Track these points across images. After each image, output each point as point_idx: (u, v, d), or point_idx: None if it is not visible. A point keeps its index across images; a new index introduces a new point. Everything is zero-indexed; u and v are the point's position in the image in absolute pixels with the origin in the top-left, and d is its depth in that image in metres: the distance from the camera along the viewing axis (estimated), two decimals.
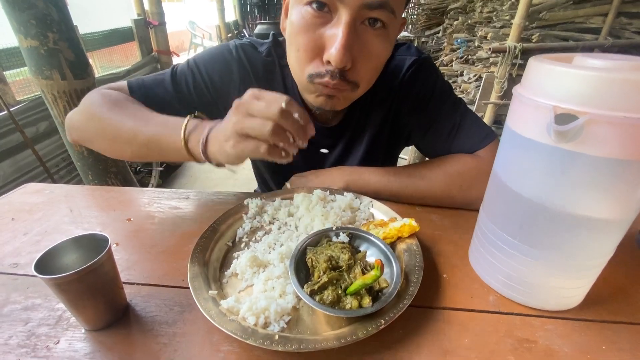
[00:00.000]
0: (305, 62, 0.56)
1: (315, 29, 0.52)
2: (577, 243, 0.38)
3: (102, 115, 0.61)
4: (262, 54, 0.72)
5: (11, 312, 0.44)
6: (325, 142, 0.78)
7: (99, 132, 0.63)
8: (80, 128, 0.66)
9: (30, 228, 0.62)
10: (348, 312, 0.39)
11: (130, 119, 0.59)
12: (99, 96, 0.65)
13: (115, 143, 0.62)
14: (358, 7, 0.49)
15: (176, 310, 0.44)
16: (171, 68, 0.72)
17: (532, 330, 0.41)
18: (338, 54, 0.50)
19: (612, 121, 0.30)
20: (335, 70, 0.53)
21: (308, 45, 0.54)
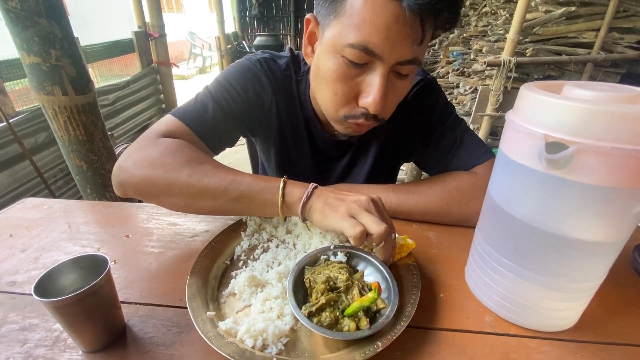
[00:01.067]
0: (341, 105, 0.60)
1: (352, 78, 0.56)
2: (571, 266, 0.38)
3: (184, 171, 0.55)
4: (282, 67, 0.74)
5: (9, 332, 0.44)
6: (333, 153, 0.81)
7: (178, 188, 0.55)
8: (145, 184, 0.57)
9: (29, 245, 0.62)
10: (346, 334, 0.39)
11: (218, 175, 0.56)
12: (165, 148, 0.58)
13: (197, 199, 0.56)
14: (393, 63, 0.53)
15: (174, 332, 0.44)
16: (204, 91, 0.70)
17: (527, 352, 0.42)
18: (375, 104, 0.55)
19: (600, 151, 0.31)
20: (371, 114, 0.58)
21: (345, 92, 0.58)
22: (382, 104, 0.55)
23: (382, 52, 0.51)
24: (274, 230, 0.62)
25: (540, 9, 2.39)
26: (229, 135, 0.72)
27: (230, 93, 0.69)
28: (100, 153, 1.32)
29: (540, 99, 0.35)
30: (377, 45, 0.51)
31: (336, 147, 0.80)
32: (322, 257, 0.51)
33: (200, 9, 10.46)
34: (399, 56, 0.52)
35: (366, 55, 0.52)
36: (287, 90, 0.74)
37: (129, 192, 0.59)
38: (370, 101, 0.55)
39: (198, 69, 7.88)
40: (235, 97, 0.69)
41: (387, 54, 0.51)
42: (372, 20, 0.49)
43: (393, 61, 0.53)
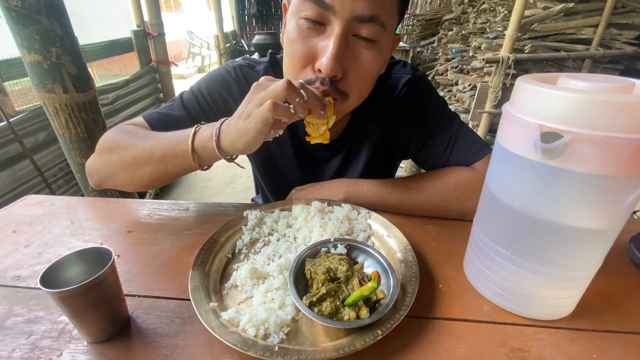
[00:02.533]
0: (299, 70, 0.59)
1: (309, 39, 0.56)
2: (567, 254, 0.39)
3: (119, 146, 0.63)
4: (259, 73, 0.74)
5: (14, 324, 0.45)
6: (323, 154, 0.80)
7: (118, 163, 0.64)
8: (100, 168, 0.67)
9: (32, 240, 0.63)
10: (346, 323, 0.40)
11: (145, 140, 0.61)
12: (113, 132, 0.67)
13: (134, 168, 0.62)
14: (349, 19, 0.52)
15: (177, 322, 0.45)
16: (179, 95, 0.75)
17: (524, 340, 0.42)
18: (328, 62, 0.53)
19: (593, 140, 0.31)
20: (326, 78, 0.56)
21: (302, 54, 0.57)
22: (336, 64, 0.53)
23: (333, 2, 0.50)
24: (274, 224, 0.63)
25: (539, 6, 2.40)
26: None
27: (199, 99, 0.73)
28: None
29: (535, 90, 0.35)
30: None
31: (326, 148, 0.78)
32: (323, 250, 0.52)
33: (198, 8, 10.44)
34: (353, 8, 0.51)
35: (319, 8, 0.52)
36: None
37: (97, 181, 0.69)
38: (323, 61, 0.53)
39: (197, 68, 7.87)
40: (203, 103, 0.73)
41: (339, 5, 0.50)
42: None
43: (348, 15, 0.51)
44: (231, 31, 6.93)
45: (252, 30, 7.25)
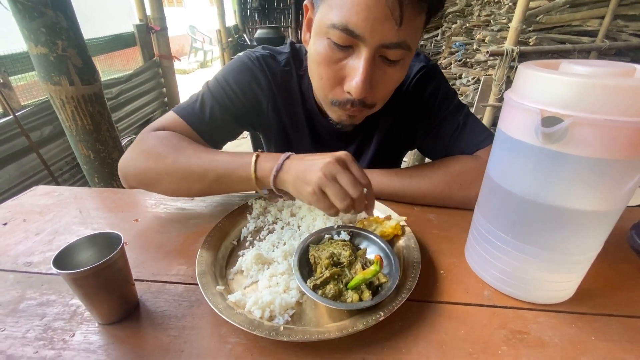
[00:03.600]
0: (328, 90, 0.60)
1: (337, 62, 0.56)
2: (567, 237, 0.40)
3: (169, 158, 0.61)
4: (281, 64, 0.75)
5: (27, 307, 0.47)
6: (337, 145, 0.82)
7: (166, 175, 0.62)
8: (141, 175, 0.65)
9: (42, 229, 0.64)
10: (349, 305, 0.41)
11: (198, 158, 0.61)
12: (156, 140, 0.64)
13: (184, 183, 0.62)
14: (377, 47, 0.52)
15: (185, 305, 0.46)
16: (204, 87, 0.74)
17: (524, 323, 0.43)
18: (358, 88, 0.54)
19: (594, 123, 0.32)
20: (356, 100, 0.57)
21: (330, 75, 0.58)
22: (365, 89, 0.55)
23: (363, 33, 0.50)
24: (278, 213, 0.64)
25: None
26: (228, 130, 0.75)
27: (227, 91, 0.72)
28: (107, 143, 1.35)
29: (536, 75, 0.36)
30: (357, 26, 0.50)
31: (341, 139, 0.80)
32: (326, 236, 0.53)
33: (200, 3, 10.39)
34: (382, 38, 0.51)
35: (348, 36, 0.52)
36: (287, 87, 0.75)
37: (132, 184, 0.67)
38: (353, 85, 0.55)
39: (199, 63, 7.87)
40: (231, 94, 0.72)
41: (369, 35, 0.51)
42: (352, 0, 0.49)
43: (376, 43, 0.52)
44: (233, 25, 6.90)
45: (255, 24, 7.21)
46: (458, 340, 0.41)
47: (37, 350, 0.40)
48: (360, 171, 0.51)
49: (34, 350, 0.40)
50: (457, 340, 0.41)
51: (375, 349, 0.40)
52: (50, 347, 0.41)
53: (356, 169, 0.51)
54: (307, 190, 0.50)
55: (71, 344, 0.41)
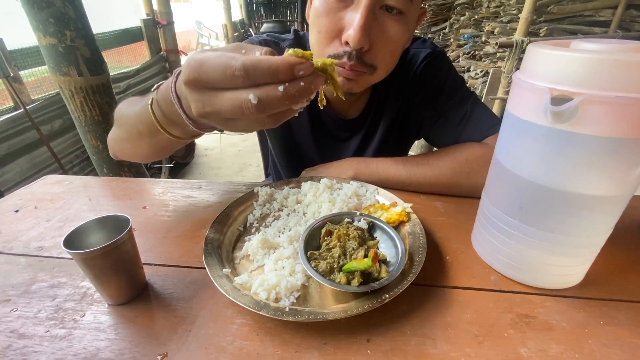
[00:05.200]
0: (325, 43, 0.58)
1: (335, 12, 0.55)
2: (576, 220, 0.39)
3: (119, 118, 0.58)
4: (285, 50, 0.74)
5: (39, 289, 0.48)
6: (343, 134, 0.81)
7: (120, 136, 0.60)
8: (111, 140, 0.64)
9: (53, 215, 0.66)
10: (353, 287, 0.41)
11: (132, 109, 0.54)
12: (120, 105, 0.62)
13: (131, 142, 0.57)
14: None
15: (192, 288, 0.47)
16: None
17: (531, 307, 0.43)
18: (356, 34, 0.53)
19: (604, 101, 0.31)
20: (353, 51, 0.55)
21: (328, 27, 0.56)
22: (364, 36, 0.53)
23: None
24: (284, 200, 0.64)
25: None
26: None
27: None
28: None
29: (545, 53, 0.35)
30: None
31: (347, 128, 0.79)
32: (346, 220, 0.53)
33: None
34: None
35: None
36: None
37: (112, 153, 0.67)
38: (350, 33, 0.53)
39: None
40: None
41: None
42: None
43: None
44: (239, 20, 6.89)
45: (261, 18, 7.19)
46: (464, 323, 0.41)
47: (49, 330, 0.41)
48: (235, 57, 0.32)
49: (45, 330, 0.41)
50: (462, 324, 0.41)
51: (380, 331, 0.40)
52: (62, 326, 0.42)
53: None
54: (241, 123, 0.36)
55: (81, 324, 0.42)
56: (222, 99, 0.32)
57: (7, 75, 1.50)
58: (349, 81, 0.61)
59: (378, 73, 0.61)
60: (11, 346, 0.39)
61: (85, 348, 0.39)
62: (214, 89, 0.33)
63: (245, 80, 0.31)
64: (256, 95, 0.31)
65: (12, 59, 1.85)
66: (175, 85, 0.39)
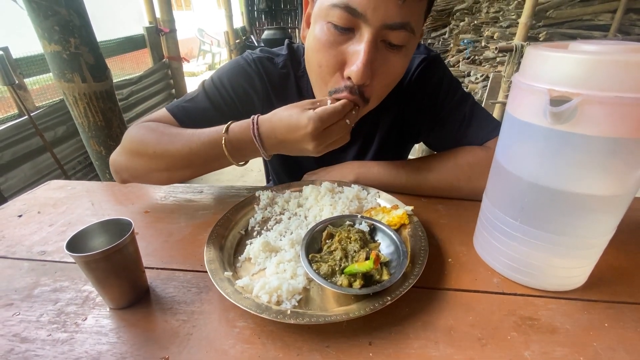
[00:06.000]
0: (327, 78, 0.58)
1: (337, 46, 0.54)
2: (577, 221, 0.39)
3: (151, 147, 0.62)
4: (278, 66, 0.74)
5: (41, 293, 0.48)
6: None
7: (154, 165, 0.63)
8: (130, 167, 0.66)
9: (55, 220, 0.66)
10: (355, 290, 0.41)
11: (180, 142, 0.61)
12: (140, 130, 0.65)
13: (173, 170, 0.63)
14: (380, 27, 0.50)
15: (194, 292, 0.47)
16: (200, 86, 0.74)
17: (535, 309, 0.43)
18: (359, 71, 0.52)
19: (603, 101, 0.31)
20: (355, 86, 0.55)
21: (330, 61, 0.55)
22: (367, 73, 0.52)
23: (365, 11, 0.48)
24: (285, 204, 0.64)
25: None
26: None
27: (220, 91, 0.72)
28: (118, 138, 1.35)
29: (544, 55, 0.35)
30: (359, 3, 0.48)
31: None
32: (347, 223, 0.53)
33: (208, 6, 10.51)
34: (385, 17, 0.49)
35: (350, 15, 0.50)
36: (284, 88, 0.75)
37: (125, 177, 0.68)
38: (353, 69, 0.52)
39: (207, 65, 7.95)
40: (225, 95, 0.72)
41: (371, 13, 0.49)
42: None
43: (379, 23, 0.50)
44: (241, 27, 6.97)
45: (262, 25, 7.27)
46: (466, 326, 0.41)
47: (50, 333, 0.41)
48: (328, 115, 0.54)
49: (47, 333, 0.41)
50: (465, 326, 0.41)
51: (382, 334, 0.40)
52: (63, 330, 0.42)
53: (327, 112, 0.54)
54: (312, 145, 0.55)
55: (83, 327, 0.42)
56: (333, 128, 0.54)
57: (12, 82, 1.52)
58: None
59: (370, 105, 0.61)
60: (13, 350, 0.39)
61: (87, 352, 0.39)
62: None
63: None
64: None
65: (17, 67, 1.88)
66: (258, 130, 0.57)
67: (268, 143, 0.58)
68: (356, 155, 0.81)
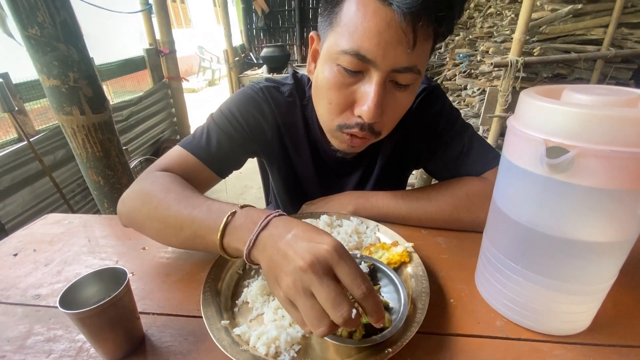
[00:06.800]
0: (336, 114, 0.59)
1: (347, 86, 0.56)
2: (579, 268, 0.38)
3: (152, 203, 0.56)
4: (285, 94, 0.75)
5: (35, 343, 0.47)
6: (343, 170, 0.82)
7: (148, 221, 0.57)
8: (129, 214, 0.62)
9: (51, 259, 0.65)
10: (352, 341, 0.40)
11: (178, 207, 0.53)
12: (148, 181, 0.61)
13: (163, 233, 0.56)
14: (389, 71, 0.52)
15: (190, 340, 0.46)
16: (208, 119, 0.74)
17: (540, 356, 0.42)
18: (370, 112, 0.53)
19: (599, 154, 0.31)
20: (366, 124, 0.57)
21: (340, 100, 0.57)
22: (378, 113, 0.54)
23: (375, 58, 0.50)
24: None
25: (546, 8, 2.38)
26: (234, 159, 0.75)
27: (232, 121, 0.72)
28: (116, 168, 1.39)
29: (538, 105, 0.35)
30: (369, 51, 0.50)
31: (347, 165, 0.80)
32: None
33: (208, 23, 10.72)
34: (394, 62, 0.51)
35: (360, 62, 0.52)
36: (291, 116, 0.76)
37: (125, 223, 0.64)
38: (364, 109, 0.54)
39: (207, 82, 8.06)
40: (236, 125, 0.72)
41: (381, 60, 0.51)
42: (364, 25, 0.49)
43: (388, 68, 0.52)
44: (240, 45, 7.09)
45: (260, 43, 7.39)
46: None
47: None
48: (353, 275, 0.35)
49: None
50: None
51: None
52: None
53: (347, 272, 0.35)
54: (278, 293, 0.38)
55: None
56: (312, 310, 0.35)
57: (12, 110, 1.53)
58: (351, 147, 0.64)
59: (381, 136, 0.63)
60: None
61: None
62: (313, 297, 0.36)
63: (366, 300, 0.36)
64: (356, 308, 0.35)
65: (17, 92, 1.90)
66: (249, 254, 0.43)
67: (255, 252, 0.43)
68: (359, 181, 0.82)
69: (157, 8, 3.08)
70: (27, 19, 1.13)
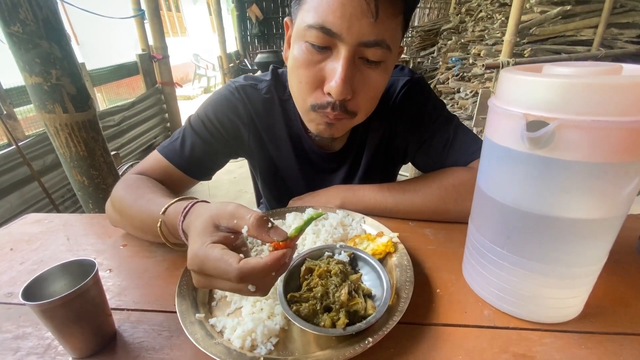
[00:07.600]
0: (308, 93, 0.58)
1: (316, 63, 0.55)
2: (566, 248, 0.37)
3: (123, 202, 0.61)
4: (262, 92, 0.74)
5: (2, 341, 0.44)
6: (329, 166, 0.80)
7: (122, 219, 0.63)
8: (111, 217, 0.67)
9: (27, 257, 0.63)
10: (329, 330, 0.38)
11: (138, 204, 0.58)
12: (124, 183, 0.65)
13: (134, 229, 0.62)
14: (355, 45, 0.51)
15: (164, 336, 0.44)
16: (186, 122, 0.74)
17: (529, 345, 0.40)
18: (338, 87, 0.52)
19: (580, 125, 0.30)
20: (336, 101, 0.55)
21: (309, 78, 0.56)
22: (346, 89, 0.53)
23: (340, 31, 0.50)
24: None
25: (536, 10, 2.41)
26: (209, 162, 0.74)
27: (206, 124, 0.72)
28: (101, 168, 1.36)
29: (518, 79, 0.34)
30: (334, 24, 0.49)
31: (332, 160, 0.79)
32: (326, 254, 0.50)
33: (203, 31, 10.78)
34: (359, 35, 0.50)
35: (326, 35, 0.51)
36: (269, 114, 0.75)
37: (111, 222, 0.69)
38: (332, 85, 0.53)
39: (203, 89, 8.07)
40: (211, 127, 0.72)
41: (346, 33, 0.50)
42: (327, 0, 0.49)
43: (354, 41, 0.51)
44: (234, 51, 7.12)
45: (255, 49, 7.43)
46: None
47: None
48: (221, 270, 0.36)
49: None
50: None
51: None
52: None
53: (214, 267, 0.37)
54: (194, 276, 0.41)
55: None
56: (223, 285, 0.38)
57: (1, 114, 1.51)
58: (330, 127, 0.61)
59: (359, 117, 0.61)
60: None
61: None
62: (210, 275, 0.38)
63: (243, 282, 0.36)
64: (254, 285, 0.37)
65: (7, 97, 1.88)
66: (182, 225, 0.45)
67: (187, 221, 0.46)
68: (345, 176, 0.80)
69: (150, 14, 3.09)
70: (9, 16, 1.12)
